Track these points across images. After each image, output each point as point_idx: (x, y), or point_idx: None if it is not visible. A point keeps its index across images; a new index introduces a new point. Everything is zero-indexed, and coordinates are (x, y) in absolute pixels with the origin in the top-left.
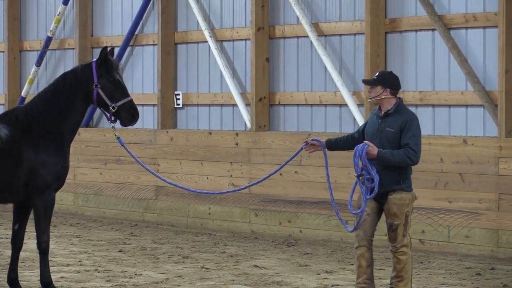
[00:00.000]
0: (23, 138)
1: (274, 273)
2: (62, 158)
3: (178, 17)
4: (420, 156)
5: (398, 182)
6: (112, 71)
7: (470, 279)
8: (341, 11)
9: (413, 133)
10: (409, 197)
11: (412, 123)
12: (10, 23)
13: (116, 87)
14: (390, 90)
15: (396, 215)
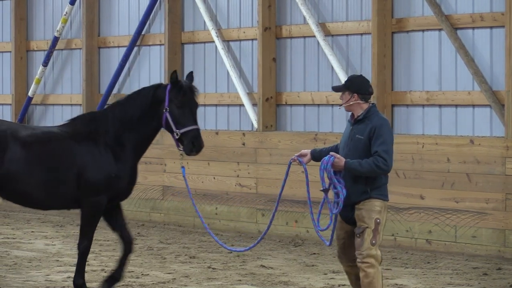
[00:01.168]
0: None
1: (281, 273)
2: (117, 169)
3: (184, 17)
4: (392, 163)
5: (365, 191)
6: (182, 96)
7: (477, 279)
8: (348, 11)
9: (383, 140)
10: (380, 204)
11: (382, 129)
12: (17, 23)
13: (183, 113)
14: (358, 95)
15: (364, 220)
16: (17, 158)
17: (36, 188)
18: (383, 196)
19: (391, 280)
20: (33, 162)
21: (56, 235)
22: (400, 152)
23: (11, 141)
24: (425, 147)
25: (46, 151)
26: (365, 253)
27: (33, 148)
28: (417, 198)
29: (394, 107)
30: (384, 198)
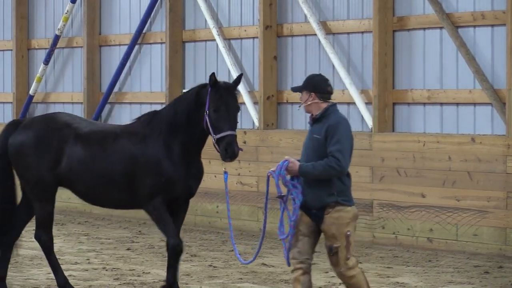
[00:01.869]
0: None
1: (282, 271)
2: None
3: (186, 16)
4: (348, 163)
5: (331, 194)
6: (217, 99)
7: (478, 277)
8: (349, 10)
9: (337, 139)
10: (348, 215)
11: (337, 128)
12: (18, 21)
13: (219, 117)
14: (316, 94)
15: (335, 237)
16: (75, 155)
17: (90, 188)
18: (350, 202)
19: (393, 278)
20: (88, 161)
21: (58, 234)
22: (401, 151)
23: (72, 137)
24: (426, 146)
25: (101, 151)
26: (343, 270)
27: (89, 147)
28: (419, 197)
29: (395, 106)
30: (351, 204)
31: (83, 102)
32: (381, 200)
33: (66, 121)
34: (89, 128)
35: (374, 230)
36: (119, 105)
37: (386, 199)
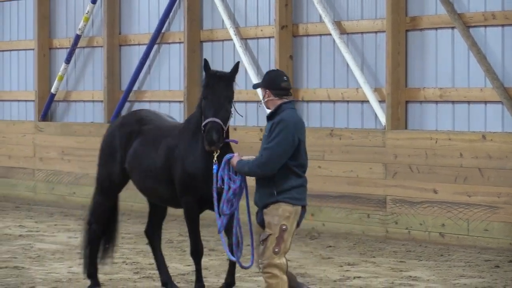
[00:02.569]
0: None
1: (298, 265)
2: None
3: (203, 16)
4: (275, 163)
5: (272, 194)
6: (206, 87)
7: (489, 271)
8: (363, 10)
9: (272, 137)
10: (289, 209)
11: (277, 126)
12: (40, 21)
13: (206, 104)
14: (271, 91)
15: (270, 226)
16: (133, 150)
17: (141, 182)
18: (293, 200)
19: (405, 272)
20: (139, 156)
21: (79, 228)
22: (414, 148)
23: (136, 133)
24: (438, 143)
25: (150, 146)
26: (266, 262)
27: (144, 142)
28: (431, 192)
29: (408, 104)
30: (294, 202)
31: (103, 100)
32: (394, 196)
33: (141, 117)
34: (153, 124)
35: (387, 225)
36: (139, 103)
37: (399, 195)
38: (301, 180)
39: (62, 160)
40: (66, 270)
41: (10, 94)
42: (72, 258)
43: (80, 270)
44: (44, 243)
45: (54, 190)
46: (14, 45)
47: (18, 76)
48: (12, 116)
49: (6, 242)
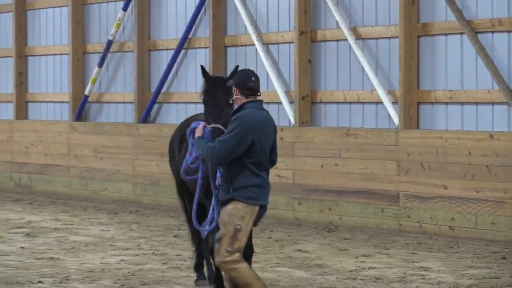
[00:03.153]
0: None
1: (316, 256)
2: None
3: (227, 22)
4: (223, 156)
5: (229, 190)
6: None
7: (495, 262)
8: (377, 17)
9: (227, 132)
10: (245, 209)
11: (233, 122)
12: (74, 28)
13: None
14: (238, 89)
15: (224, 224)
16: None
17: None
18: (249, 200)
19: (417, 263)
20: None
21: (111, 222)
22: (425, 146)
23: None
24: (448, 141)
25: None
26: (220, 261)
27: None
28: (441, 188)
29: (420, 105)
30: (249, 201)
31: (134, 101)
32: (407, 192)
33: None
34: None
35: (400, 219)
36: (167, 104)
37: (411, 191)
38: (259, 180)
39: (95, 158)
40: (99, 261)
41: (46, 96)
42: (104, 250)
43: (112, 261)
44: (78, 235)
45: (87, 185)
46: (50, 50)
47: (53, 79)
48: (48, 116)
49: (42, 234)
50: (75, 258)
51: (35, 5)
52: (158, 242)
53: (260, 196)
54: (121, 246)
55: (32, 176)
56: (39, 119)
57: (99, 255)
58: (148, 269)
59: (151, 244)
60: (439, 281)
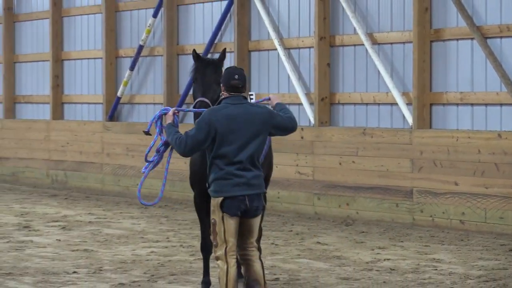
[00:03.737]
0: None
1: (334, 248)
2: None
3: (251, 28)
4: (186, 148)
5: (208, 185)
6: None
7: (503, 254)
8: (392, 23)
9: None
10: (213, 203)
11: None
12: (107, 34)
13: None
14: (223, 86)
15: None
16: None
17: None
18: (214, 193)
19: (430, 255)
20: None
21: (141, 216)
22: (437, 145)
23: None
24: (459, 141)
25: None
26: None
27: None
28: (452, 185)
29: (432, 106)
30: (214, 195)
31: (163, 103)
32: (420, 188)
33: None
34: None
35: (413, 214)
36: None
37: (424, 187)
38: (222, 173)
39: (127, 156)
40: (130, 252)
41: (81, 97)
42: (135, 242)
43: (143, 252)
44: (110, 228)
45: (119, 182)
46: (84, 54)
47: (88, 82)
48: (82, 117)
49: (77, 228)
50: (108, 250)
51: (71, 12)
52: (186, 235)
53: (224, 189)
54: (151, 239)
55: (67, 173)
56: (74, 120)
57: (130, 247)
58: (176, 260)
59: (179, 237)
60: (450, 272)
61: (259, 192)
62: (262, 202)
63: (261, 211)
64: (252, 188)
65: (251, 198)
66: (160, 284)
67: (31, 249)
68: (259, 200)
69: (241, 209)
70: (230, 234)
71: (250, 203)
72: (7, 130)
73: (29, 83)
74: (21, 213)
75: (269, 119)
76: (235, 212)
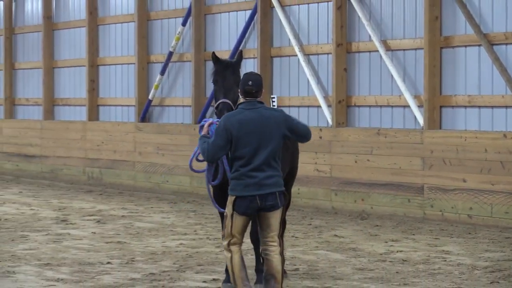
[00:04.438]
0: None
1: (350, 241)
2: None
3: (273, 36)
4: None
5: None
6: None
7: (509, 246)
8: (405, 31)
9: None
10: (229, 199)
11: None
12: (139, 41)
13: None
14: (240, 91)
15: None
16: None
17: None
18: (230, 191)
19: (439, 247)
20: None
21: (171, 210)
22: (446, 144)
23: None
24: (467, 140)
25: None
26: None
27: None
28: (460, 181)
29: (442, 108)
30: (230, 192)
31: (191, 105)
32: (430, 184)
33: None
34: None
35: (424, 209)
36: None
37: (435, 184)
38: (237, 173)
39: (157, 154)
40: (160, 244)
41: (114, 100)
42: (165, 235)
43: (172, 244)
44: (142, 222)
45: (150, 178)
46: (118, 60)
47: (121, 86)
48: (116, 118)
49: (111, 221)
50: (140, 242)
51: (106, 20)
52: (212, 228)
53: (236, 188)
54: (180, 232)
55: (102, 170)
56: (108, 121)
57: (160, 239)
58: (203, 252)
59: (206, 230)
60: (459, 263)
61: (273, 191)
62: (278, 200)
63: (278, 207)
64: (264, 188)
65: (263, 197)
66: (188, 273)
67: (68, 241)
68: (274, 199)
69: (253, 208)
70: (236, 230)
71: (263, 202)
72: (47, 131)
73: (67, 86)
74: (59, 208)
75: (283, 122)
76: (245, 211)
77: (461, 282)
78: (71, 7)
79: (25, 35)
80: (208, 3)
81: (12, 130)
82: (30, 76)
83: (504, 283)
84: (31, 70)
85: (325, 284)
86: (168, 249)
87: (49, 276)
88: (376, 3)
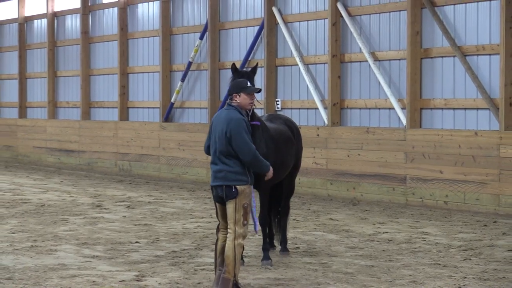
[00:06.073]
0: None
1: (343, 223)
2: None
3: (278, 48)
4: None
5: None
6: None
7: (479, 228)
8: (390, 43)
9: None
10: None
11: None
12: (163, 52)
13: None
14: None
15: None
16: None
17: None
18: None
19: (420, 229)
20: None
21: (190, 197)
22: (426, 141)
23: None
24: (443, 138)
25: None
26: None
27: None
28: (438, 173)
29: (422, 110)
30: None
31: (207, 107)
32: (412, 175)
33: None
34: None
35: (407, 196)
36: None
37: (416, 175)
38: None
39: (179, 149)
40: (181, 226)
41: (142, 103)
42: (185, 218)
43: (191, 226)
44: (165, 207)
45: (173, 170)
46: (145, 69)
47: (148, 91)
48: (143, 118)
49: (139, 207)
50: (163, 224)
51: (134, 35)
52: None
53: (211, 179)
54: (198, 215)
55: (131, 163)
56: (137, 120)
57: (181, 222)
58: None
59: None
60: (436, 242)
61: (221, 184)
62: (226, 192)
63: (228, 199)
64: (216, 180)
65: (215, 189)
66: (205, 251)
67: (102, 223)
68: (222, 191)
69: (216, 196)
70: (219, 215)
71: (216, 192)
72: (84, 129)
73: (101, 91)
74: (94, 195)
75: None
76: (214, 199)
77: (438, 259)
78: (105, 23)
79: (66, 48)
80: (222, 20)
81: (54, 129)
82: (70, 82)
83: (475, 259)
84: (70, 77)
85: (322, 261)
86: (188, 230)
87: (86, 253)
88: (366, 20)
